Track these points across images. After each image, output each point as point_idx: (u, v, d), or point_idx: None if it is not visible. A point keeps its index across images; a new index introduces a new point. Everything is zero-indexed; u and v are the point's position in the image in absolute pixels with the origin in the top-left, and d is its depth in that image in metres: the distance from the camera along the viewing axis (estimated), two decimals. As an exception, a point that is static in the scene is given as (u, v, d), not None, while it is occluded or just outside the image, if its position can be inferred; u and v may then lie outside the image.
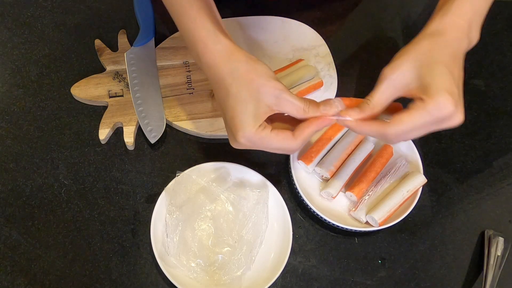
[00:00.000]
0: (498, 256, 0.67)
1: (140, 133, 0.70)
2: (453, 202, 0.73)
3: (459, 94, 0.50)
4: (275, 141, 0.53)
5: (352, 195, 0.68)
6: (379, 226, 0.65)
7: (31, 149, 0.68)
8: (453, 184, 0.74)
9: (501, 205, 0.73)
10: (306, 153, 0.70)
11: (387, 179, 0.70)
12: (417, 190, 0.68)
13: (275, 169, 0.71)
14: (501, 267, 0.66)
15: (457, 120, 0.50)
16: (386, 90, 0.52)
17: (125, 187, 0.68)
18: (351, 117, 0.53)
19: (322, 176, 0.70)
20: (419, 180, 0.68)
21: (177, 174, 0.65)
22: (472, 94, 0.82)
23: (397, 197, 0.67)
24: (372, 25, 0.86)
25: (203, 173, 0.67)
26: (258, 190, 0.66)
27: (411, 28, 0.87)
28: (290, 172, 0.68)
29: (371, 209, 0.67)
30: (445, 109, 0.48)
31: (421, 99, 0.49)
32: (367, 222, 0.67)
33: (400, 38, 0.85)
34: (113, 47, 0.76)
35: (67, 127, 0.70)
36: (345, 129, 0.73)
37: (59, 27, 0.78)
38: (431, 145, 0.77)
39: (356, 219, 0.67)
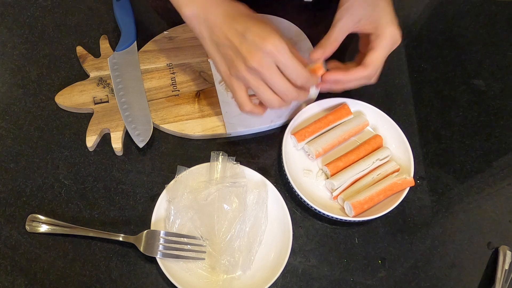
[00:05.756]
0: (506, 270, 0.67)
1: (130, 137, 0.70)
2: (453, 202, 0.73)
3: (396, 20, 0.66)
4: (292, 63, 0.59)
5: (327, 170, 0.69)
6: (352, 209, 0.66)
7: (31, 149, 0.69)
8: (453, 184, 0.74)
9: (501, 205, 0.73)
10: (301, 130, 0.71)
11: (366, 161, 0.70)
12: (402, 187, 0.68)
13: (275, 169, 0.71)
14: (508, 281, 0.66)
15: (399, 41, 0.66)
16: (343, 26, 0.65)
17: (125, 187, 0.68)
18: (318, 59, 0.65)
19: (309, 155, 0.72)
20: (386, 152, 0.71)
21: (177, 174, 0.65)
22: (472, 94, 0.82)
23: (362, 166, 0.69)
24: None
25: (203, 172, 0.67)
26: (257, 190, 0.66)
27: (411, 28, 0.88)
28: (281, 147, 0.70)
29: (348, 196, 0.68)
30: (396, 36, 0.65)
31: (375, 34, 0.65)
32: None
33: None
34: (95, 53, 0.76)
35: (67, 127, 0.70)
36: (346, 117, 0.73)
37: (59, 27, 0.78)
38: (431, 145, 0.77)
39: (339, 205, 0.68)
